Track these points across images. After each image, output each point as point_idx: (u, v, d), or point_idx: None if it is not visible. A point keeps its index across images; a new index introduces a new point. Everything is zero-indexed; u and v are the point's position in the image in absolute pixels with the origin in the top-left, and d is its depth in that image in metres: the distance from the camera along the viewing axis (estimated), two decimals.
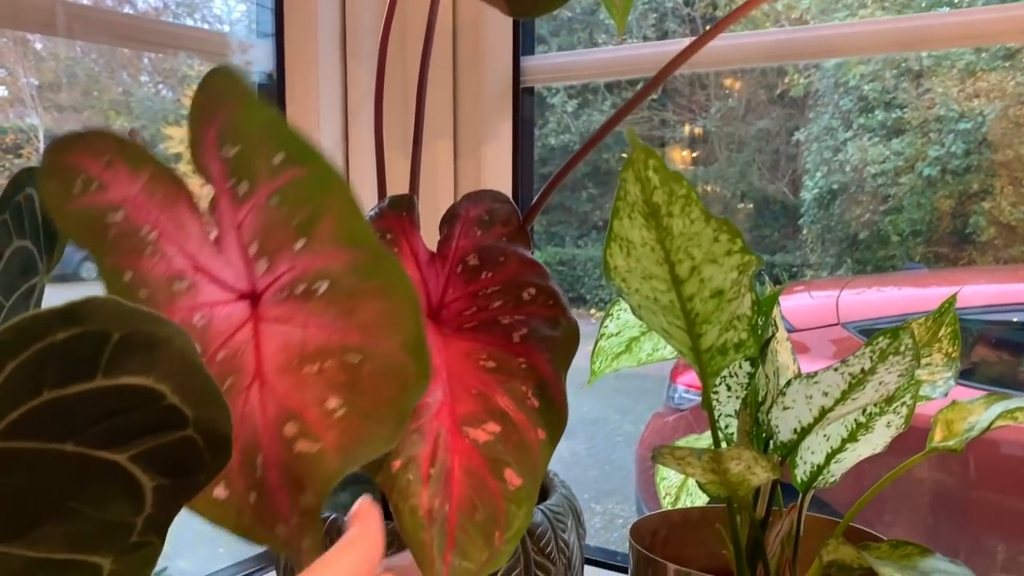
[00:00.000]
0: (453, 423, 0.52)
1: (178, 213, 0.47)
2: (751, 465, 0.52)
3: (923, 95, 2.95)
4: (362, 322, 0.44)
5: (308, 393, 0.45)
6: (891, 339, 0.52)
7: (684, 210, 0.47)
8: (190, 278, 0.46)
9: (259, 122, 0.46)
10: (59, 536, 0.37)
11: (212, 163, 0.47)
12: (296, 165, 0.45)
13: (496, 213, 0.61)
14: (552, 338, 0.56)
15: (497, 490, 0.51)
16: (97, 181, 0.46)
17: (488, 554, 0.50)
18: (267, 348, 0.45)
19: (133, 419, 0.35)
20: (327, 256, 0.45)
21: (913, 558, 0.54)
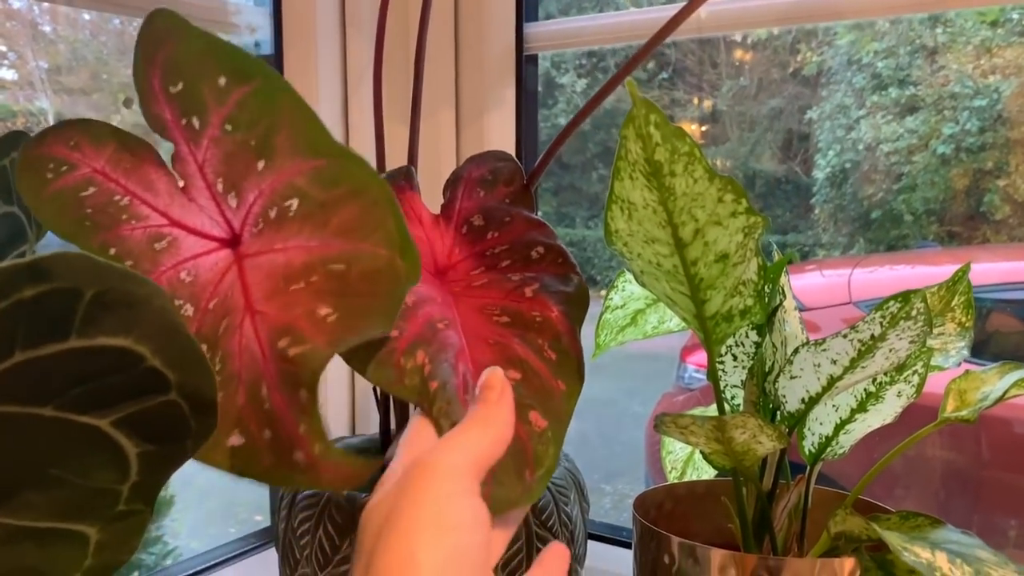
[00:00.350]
0: (475, 369, 0.51)
1: (145, 173, 0.47)
2: (756, 433, 0.51)
3: (937, 72, 2.91)
4: (339, 229, 0.43)
5: (298, 308, 0.43)
6: (902, 303, 0.50)
7: (687, 168, 0.46)
8: (168, 234, 0.45)
9: (197, 49, 0.45)
10: (42, 504, 0.35)
11: (163, 109, 0.46)
12: (240, 83, 0.44)
13: (499, 173, 0.60)
14: (565, 292, 0.54)
15: (524, 432, 0.50)
16: (66, 163, 0.46)
17: (522, 488, 0.49)
18: (252, 280, 0.44)
19: (113, 382, 0.34)
20: (290, 170, 0.44)
21: (924, 529, 0.53)
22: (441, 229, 0.58)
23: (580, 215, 3.94)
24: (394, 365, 0.49)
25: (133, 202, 0.46)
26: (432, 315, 0.52)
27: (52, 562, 0.36)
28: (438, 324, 0.52)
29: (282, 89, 0.44)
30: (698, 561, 0.56)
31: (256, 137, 0.44)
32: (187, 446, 0.37)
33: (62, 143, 0.46)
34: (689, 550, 0.57)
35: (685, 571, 0.57)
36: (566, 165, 3.78)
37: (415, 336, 0.51)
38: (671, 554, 0.58)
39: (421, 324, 0.51)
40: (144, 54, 0.46)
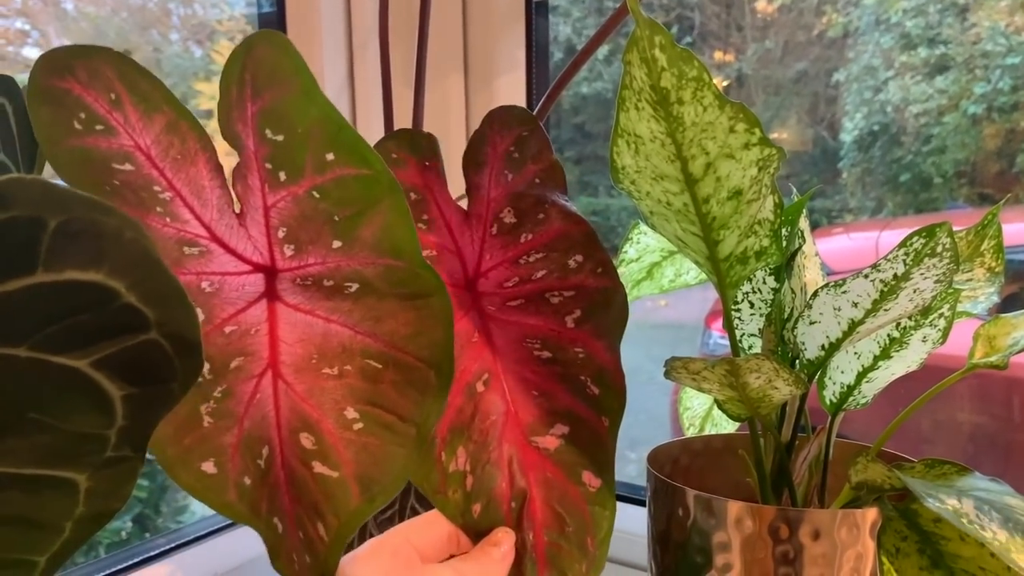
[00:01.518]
0: (522, 435, 0.51)
1: (196, 175, 0.43)
2: (772, 378, 0.48)
3: (969, 30, 2.83)
4: (389, 330, 0.42)
5: (326, 399, 0.42)
6: (926, 238, 0.47)
7: (696, 95, 0.43)
8: (203, 245, 0.42)
9: (314, 118, 0.41)
10: (25, 450, 0.34)
11: (248, 138, 0.42)
12: (348, 166, 0.42)
13: (526, 145, 0.54)
14: (606, 318, 0.52)
15: (578, 495, 0.50)
16: (103, 122, 0.41)
17: (586, 563, 0.49)
18: (284, 335, 0.43)
19: (88, 321, 0.32)
20: (364, 260, 0.42)
21: (950, 477, 0.50)
22: (471, 231, 0.53)
23: (603, 183, 3.90)
24: (435, 463, 0.48)
25: (175, 201, 0.42)
26: (470, 371, 0.50)
27: (42, 510, 0.35)
28: (478, 386, 0.50)
29: (388, 186, 0.42)
30: (714, 514, 0.54)
31: (342, 217, 0.42)
32: (174, 388, 0.36)
33: (102, 90, 0.41)
34: (705, 503, 0.54)
35: (700, 524, 0.55)
36: (588, 134, 3.73)
37: (455, 416, 0.49)
38: (686, 507, 0.56)
39: (460, 392, 0.49)
40: (246, 77, 0.42)
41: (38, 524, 0.35)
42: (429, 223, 0.53)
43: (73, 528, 0.36)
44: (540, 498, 0.50)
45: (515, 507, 0.49)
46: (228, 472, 0.43)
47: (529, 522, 0.49)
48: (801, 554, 0.52)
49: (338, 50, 0.91)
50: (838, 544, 0.52)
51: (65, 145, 0.41)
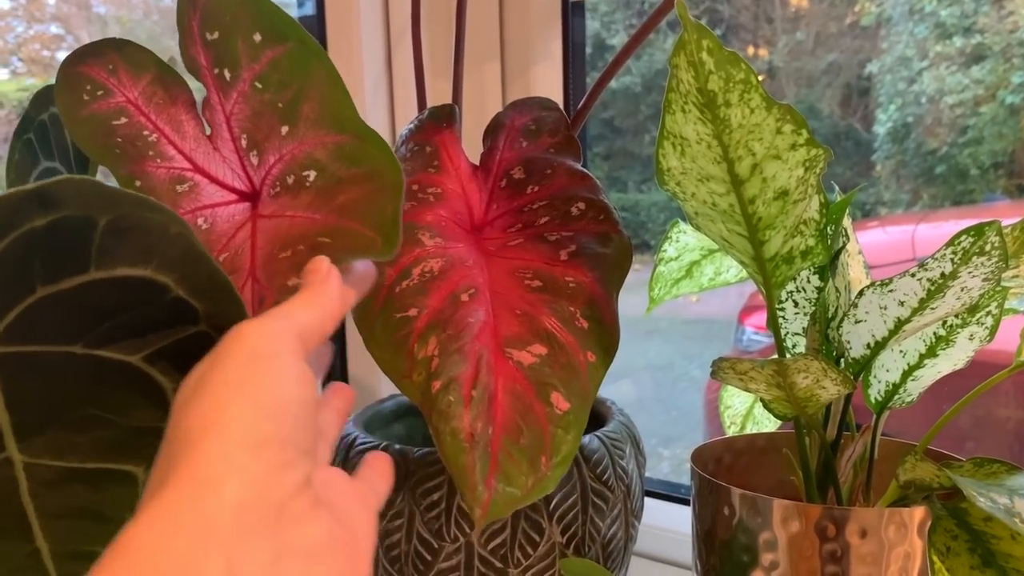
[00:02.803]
0: (497, 345, 0.50)
1: (176, 113, 0.47)
2: (820, 377, 0.48)
3: (1006, 18, 2.78)
4: (340, 205, 0.43)
5: (277, 278, 0.43)
6: (975, 237, 0.47)
7: (743, 98, 0.43)
8: (190, 179, 0.45)
9: (235, 1, 0.45)
10: (85, 445, 0.35)
11: (198, 53, 0.46)
12: (274, 44, 0.44)
13: (543, 122, 0.58)
14: (602, 255, 0.52)
15: (543, 414, 0.49)
16: (102, 87, 0.46)
17: (534, 479, 0.47)
18: (260, 242, 0.45)
19: (140, 316, 0.33)
20: (312, 141, 0.44)
21: (1000, 476, 0.50)
22: (479, 181, 0.57)
23: (632, 179, 3.89)
24: (407, 354, 0.48)
25: (160, 140, 0.46)
26: (457, 284, 0.51)
27: (104, 502, 0.36)
28: (462, 296, 0.50)
29: (315, 56, 0.43)
30: (760, 513, 0.54)
31: (284, 100, 0.44)
32: None
33: (101, 65, 0.47)
34: (750, 502, 0.55)
35: (746, 523, 0.55)
36: (617, 129, 3.73)
37: (434, 315, 0.49)
38: (731, 506, 0.56)
39: (443, 298, 0.50)
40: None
41: (100, 516, 0.36)
42: (438, 168, 0.56)
43: None
44: (505, 404, 0.48)
45: (476, 395, 0.48)
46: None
47: (489, 418, 0.48)
48: (848, 553, 0.52)
49: (376, 42, 0.92)
50: (885, 543, 0.52)
51: (78, 116, 0.46)
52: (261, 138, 0.44)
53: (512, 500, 0.46)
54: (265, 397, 0.31)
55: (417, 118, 0.58)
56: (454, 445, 0.46)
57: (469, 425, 0.47)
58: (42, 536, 0.34)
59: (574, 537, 0.60)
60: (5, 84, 1.73)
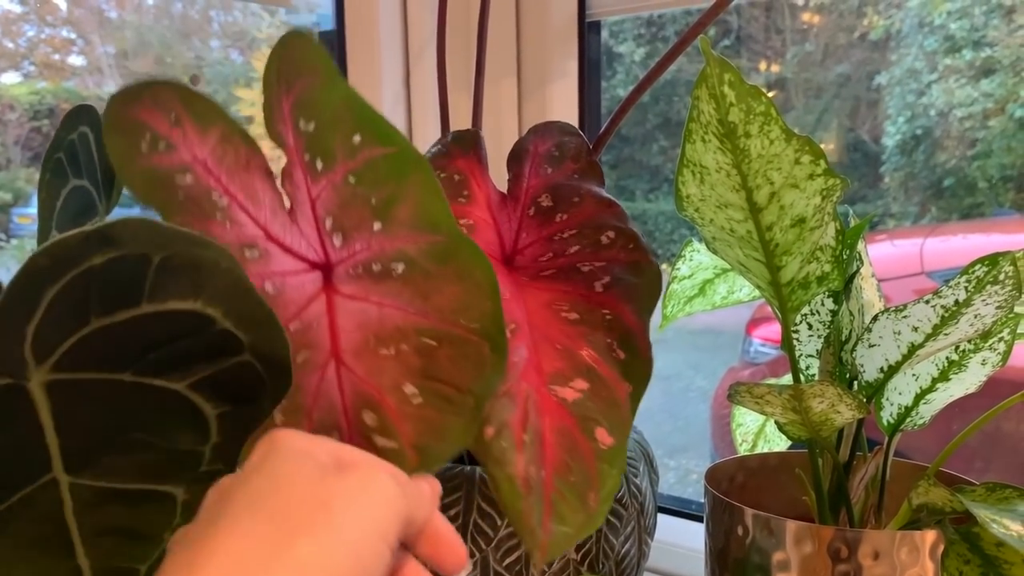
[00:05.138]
0: (541, 382, 0.51)
1: (250, 179, 0.45)
2: (835, 403, 0.49)
3: (1015, 31, 2.79)
4: (438, 304, 0.43)
5: (385, 378, 0.44)
6: (989, 267, 0.48)
7: (763, 129, 0.44)
8: (262, 247, 0.44)
9: (338, 100, 0.44)
10: (128, 467, 0.36)
11: (287, 133, 0.45)
12: (374, 146, 0.43)
13: (566, 147, 0.58)
14: (636, 286, 0.53)
15: (589, 450, 0.50)
16: (165, 140, 0.44)
17: (584, 516, 0.48)
18: (343, 324, 0.44)
19: (187, 346, 0.34)
20: (404, 239, 0.44)
21: (1012, 501, 0.51)
22: (508, 210, 0.57)
23: (640, 188, 3.90)
24: None
25: (232, 205, 0.44)
26: None
27: (143, 522, 0.37)
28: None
29: (414, 163, 0.43)
30: (773, 533, 0.55)
31: (378, 199, 0.44)
32: (264, 406, 0.38)
33: (162, 114, 0.44)
34: (764, 522, 0.55)
35: (759, 543, 0.56)
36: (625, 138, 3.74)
37: None
38: (745, 526, 0.56)
39: None
40: (279, 72, 0.45)
41: (140, 535, 0.37)
42: (468, 198, 0.56)
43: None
44: (553, 443, 0.49)
45: (528, 439, 0.49)
46: None
47: (541, 461, 0.49)
48: (860, 574, 0.53)
49: (395, 58, 0.93)
50: (897, 565, 0.52)
51: (135, 167, 0.43)
52: (350, 226, 0.44)
53: (566, 538, 0.48)
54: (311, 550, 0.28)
55: (441, 141, 0.59)
56: (511, 492, 0.47)
57: (524, 471, 0.48)
58: (83, 553, 0.36)
59: (588, 554, 0.60)
60: (17, 87, 1.75)
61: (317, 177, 0.44)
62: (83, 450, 0.34)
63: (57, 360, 0.31)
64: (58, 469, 0.34)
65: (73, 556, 0.35)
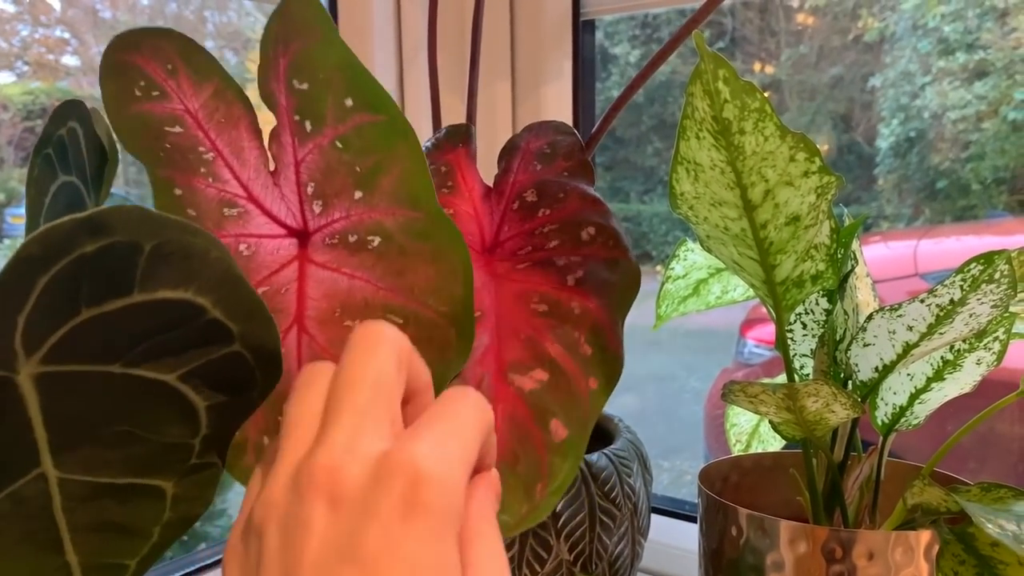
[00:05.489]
0: (499, 369, 0.50)
1: (237, 137, 0.45)
2: (829, 402, 0.49)
3: (1009, 34, 2.80)
4: (410, 284, 0.43)
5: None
6: (984, 265, 0.48)
7: (757, 126, 0.44)
8: (241, 206, 0.44)
9: (335, 61, 0.43)
10: (118, 461, 0.36)
11: (280, 93, 0.45)
12: (366, 112, 0.43)
13: (558, 146, 0.58)
14: (610, 282, 0.52)
15: (541, 441, 0.49)
16: (159, 88, 0.44)
17: (528, 507, 0.48)
18: (311, 292, 0.44)
19: (177, 336, 0.34)
20: (384, 211, 0.43)
21: (1007, 501, 0.51)
22: (492, 203, 0.57)
23: (635, 189, 3.91)
24: None
25: (216, 161, 0.44)
26: None
27: (133, 516, 0.37)
28: None
29: (403, 133, 0.43)
30: (767, 533, 0.55)
31: (363, 166, 0.43)
32: (254, 397, 0.38)
33: (160, 61, 0.44)
34: (758, 522, 0.55)
35: (753, 544, 0.55)
36: (620, 139, 3.74)
37: None
38: (739, 527, 0.56)
39: None
40: (278, 32, 0.45)
41: (129, 530, 0.37)
42: (452, 188, 0.56)
43: (161, 533, 0.38)
44: (503, 431, 0.49)
45: None
46: (248, 433, 0.43)
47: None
48: (855, 575, 0.52)
49: (389, 60, 0.93)
50: (892, 565, 0.52)
51: (126, 111, 0.44)
52: (331, 193, 0.44)
53: (505, 528, 0.46)
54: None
55: (434, 136, 0.59)
56: None
57: None
58: (72, 549, 0.35)
59: (581, 555, 0.60)
60: (10, 87, 1.74)
61: (304, 140, 0.44)
62: (72, 444, 0.33)
63: (47, 352, 0.30)
64: (46, 464, 0.33)
65: (62, 552, 0.35)
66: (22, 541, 0.34)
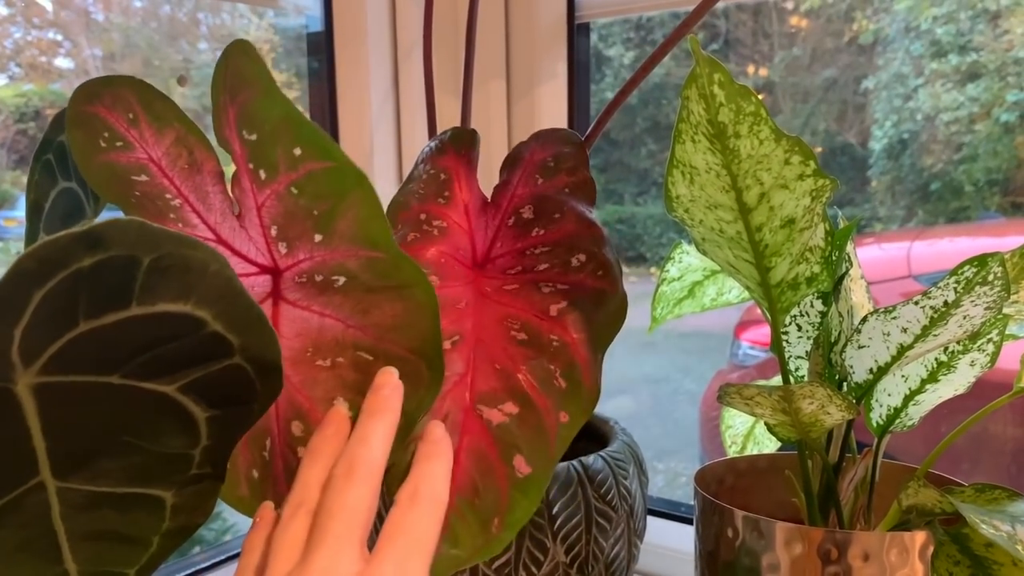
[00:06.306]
0: (470, 401, 0.50)
1: (201, 182, 0.46)
2: (825, 404, 0.49)
3: (1001, 36, 2.81)
4: (377, 322, 0.43)
5: (319, 389, 0.43)
6: (978, 267, 0.48)
7: (752, 129, 0.44)
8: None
9: (277, 114, 0.44)
10: (118, 471, 0.36)
11: (233, 141, 0.45)
12: (315, 159, 0.43)
13: (563, 159, 0.57)
14: (592, 316, 0.51)
15: (503, 475, 0.48)
16: (121, 139, 0.45)
17: (483, 540, 0.47)
18: (284, 331, 0.44)
19: (177, 348, 0.34)
20: (344, 253, 0.44)
21: (1001, 502, 0.51)
22: (488, 217, 0.56)
23: (629, 191, 3.91)
24: None
25: (184, 207, 0.45)
26: (444, 330, 0.50)
27: (133, 526, 0.37)
28: (445, 344, 0.50)
29: (354, 178, 0.43)
30: (763, 535, 0.55)
31: (319, 210, 0.44)
32: (254, 409, 0.38)
33: (120, 112, 0.45)
34: (753, 524, 0.55)
35: (749, 545, 0.56)
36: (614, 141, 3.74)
37: None
38: (735, 528, 0.56)
39: None
40: (224, 83, 0.45)
41: (129, 539, 0.37)
42: (448, 199, 0.55)
43: (160, 542, 0.38)
44: (464, 463, 0.48)
45: None
46: (239, 466, 0.44)
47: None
48: None
49: (384, 60, 0.93)
50: (887, 567, 0.52)
51: (94, 161, 0.45)
52: (293, 236, 0.44)
53: (455, 562, 0.46)
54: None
55: (439, 138, 0.58)
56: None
57: None
58: (71, 558, 0.35)
59: (578, 557, 0.60)
60: (3, 90, 1.73)
61: (262, 186, 0.45)
62: (71, 453, 0.33)
63: (45, 363, 0.30)
64: (45, 473, 0.33)
65: (60, 561, 0.35)
66: (20, 550, 0.34)
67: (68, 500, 0.34)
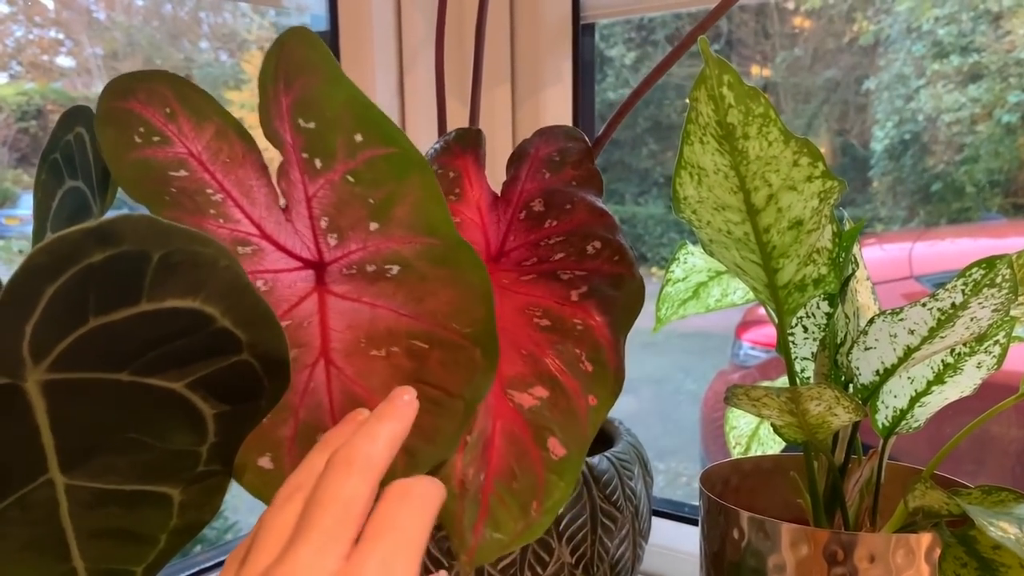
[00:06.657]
0: (499, 385, 0.50)
1: (245, 175, 0.45)
2: (832, 405, 0.49)
3: (1003, 37, 2.81)
4: (431, 309, 0.43)
5: (375, 379, 0.43)
6: (986, 270, 0.48)
7: (761, 131, 0.44)
8: (255, 243, 0.44)
9: (340, 100, 0.43)
10: (125, 467, 0.36)
11: (285, 132, 0.44)
12: (377, 146, 0.43)
13: (568, 153, 0.57)
14: (613, 298, 0.52)
15: (539, 459, 0.49)
16: (159, 134, 0.44)
17: (523, 524, 0.47)
18: (334, 324, 0.44)
19: (185, 345, 0.34)
20: (401, 240, 0.43)
21: (1008, 504, 0.51)
22: (499, 212, 0.57)
23: (630, 191, 3.91)
24: None
25: (226, 202, 0.44)
26: None
27: (140, 523, 0.37)
28: None
29: (416, 164, 0.43)
30: (768, 536, 0.55)
31: (376, 198, 0.43)
32: (261, 405, 0.38)
33: (156, 106, 0.44)
34: (759, 525, 0.55)
35: (755, 546, 0.56)
36: (615, 141, 3.74)
37: None
38: (740, 529, 0.56)
39: None
40: (278, 71, 0.44)
41: (136, 536, 0.37)
42: (459, 196, 0.56)
43: (167, 539, 0.38)
44: (501, 447, 0.49)
45: (471, 440, 0.48)
46: (284, 466, 0.44)
47: (483, 463, 0.48)
48: None
49: (389, 61, 0.93)
50: (893, 568, 0.52)
51: (127, 158, 0.44)
52: (345, 225, 0.43)
53: (499, 546, 0.46)
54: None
55: (444, 138, 0.58)
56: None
57: (460, 471, 0.47)
58: (79, 555, 0.35)
59: (583, 557, 0.60)
60: (4, 88, 1.73)
61: (315, 176, 0.44)
62: (79, 450, 0.33)
63: (54, 359, 0.30)
64: (54, 470, 0.33)
65: (68, 558, 0.35)
66: (29, 546, 0.34)
67: (76, 497, 0.34)
